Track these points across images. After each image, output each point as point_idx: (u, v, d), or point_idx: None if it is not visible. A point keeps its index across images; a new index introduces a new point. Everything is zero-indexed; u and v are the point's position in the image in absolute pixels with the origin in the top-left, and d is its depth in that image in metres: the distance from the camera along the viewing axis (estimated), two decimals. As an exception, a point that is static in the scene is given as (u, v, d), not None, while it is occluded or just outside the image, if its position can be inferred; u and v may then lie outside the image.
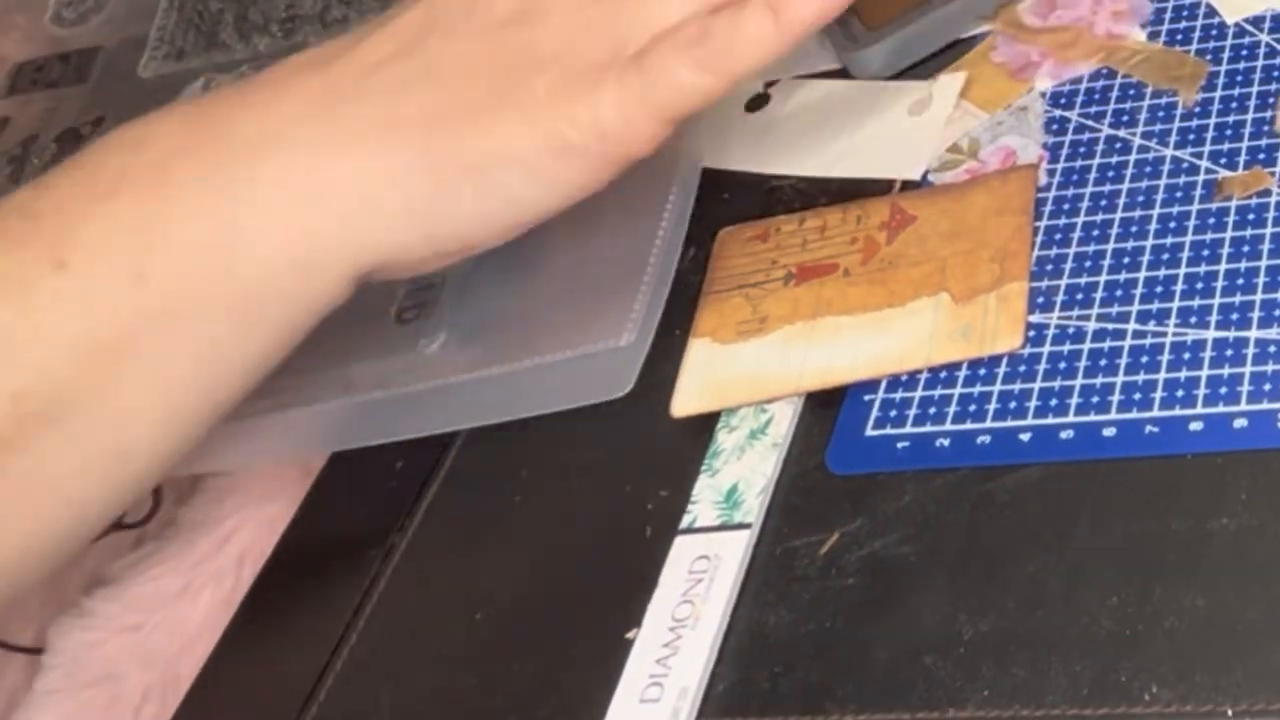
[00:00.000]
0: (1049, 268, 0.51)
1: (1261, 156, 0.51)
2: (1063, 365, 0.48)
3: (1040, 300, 0.50)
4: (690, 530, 0.48)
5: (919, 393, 0.50)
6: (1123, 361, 0.48)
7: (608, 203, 0.50)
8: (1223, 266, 0.49)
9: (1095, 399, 0.47)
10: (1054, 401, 0.47)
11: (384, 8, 0.64)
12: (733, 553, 0.47)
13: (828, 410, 0.50)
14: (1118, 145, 0.54)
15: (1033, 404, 0.48)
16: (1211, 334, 0.47)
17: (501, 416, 0.53)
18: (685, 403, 0.51)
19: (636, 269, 0.52)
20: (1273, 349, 0.46)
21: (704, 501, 0.49)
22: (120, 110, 0.70)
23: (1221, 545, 0.42)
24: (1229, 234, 0.49)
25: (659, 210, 0.54)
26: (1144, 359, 0.47)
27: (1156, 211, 0.51)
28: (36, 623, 0.58)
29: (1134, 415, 0.46)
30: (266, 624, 0.54)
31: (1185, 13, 0.56)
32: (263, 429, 0.54)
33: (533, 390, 0.52)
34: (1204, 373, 0.46)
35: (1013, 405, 0.48)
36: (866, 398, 0.50)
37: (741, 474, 0.49)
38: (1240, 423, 0.45)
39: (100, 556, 0.59)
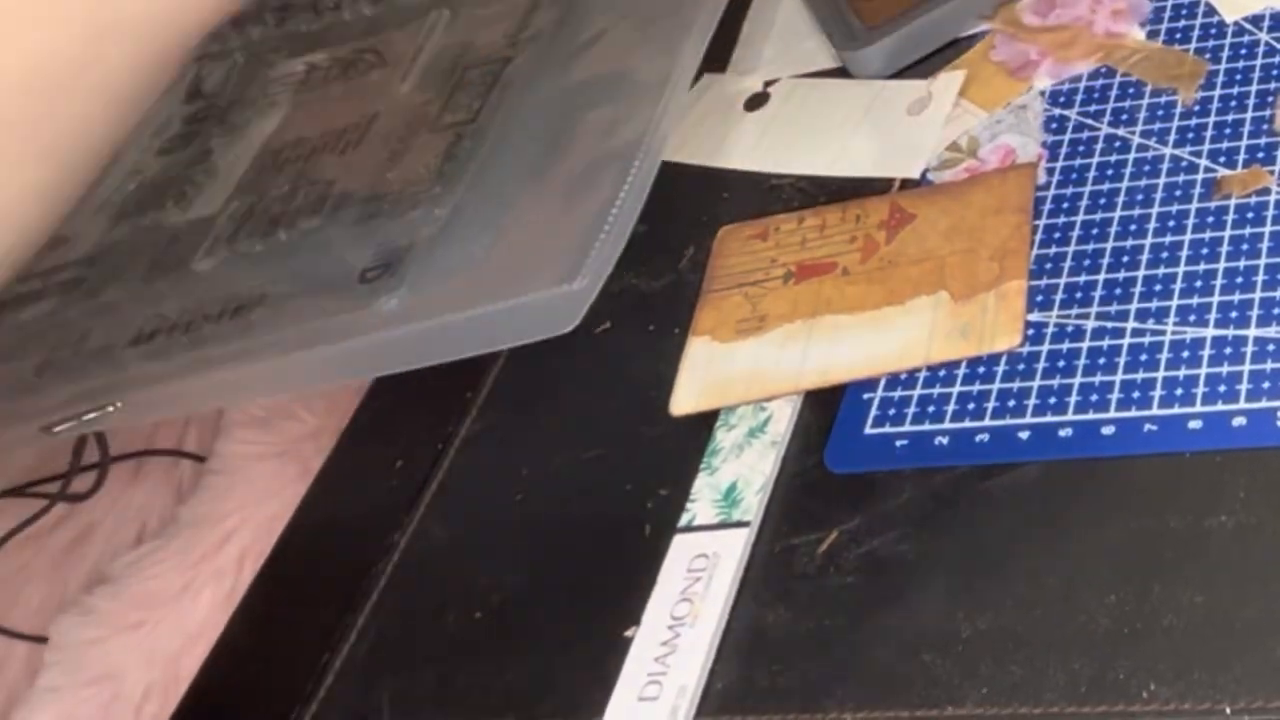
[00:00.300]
0: (1048, 266, 0.51)
1: (1260, 155, 0.51)
2: (1062, 364, 0.48)
3: (1039, 299, 0.50)
4: (689, 528, 0.48)
5: (918, 391, 0.50)
6: (1122, 360, 0.48)
7: (576, 167, 0.50)
8: (1222, 265, 0.49)
9: (1094, 397, 0.47)
10: (1053, 400, 0.47)
11: None
12: (732, 551, 0.47)
13: (826, 408, 0.50)
14: (1117, 144, 0.54)
15: (1031, 402, 0.48)
16: (1210, 332, 0.47)
17: (449, 357, 0.52)
18: (684, 401, 0.51)
19: (595, 227, 0.52)
20: (1271, 347, 0.46)
21: (703, 500, 0.49)
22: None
23: (1220, 543, 0.42)
24: (1228, 232, 0.49)
25: (622, 175, 0.54)
26: (1143, 357, 0.47)
27: (1156, 210, 0.51)
28: (38, 620, 0.58)
29: (1133, 413, 0.46)
30: (266, 622, 0.54)
31: (1184, 11, 0.56)
32: (226, 378, 0.54)
33: (483, 332, 0.52)
34: (1203, 371, 0.46)
35: (1011, 403, 0.48)
36: (865, 396, 0.50)
37: (740, 472, 0.49)
38: (1239, 421, 0.45)
39: (101, 554, 0.59)
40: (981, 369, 0.49)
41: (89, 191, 0.62)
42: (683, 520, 0.49)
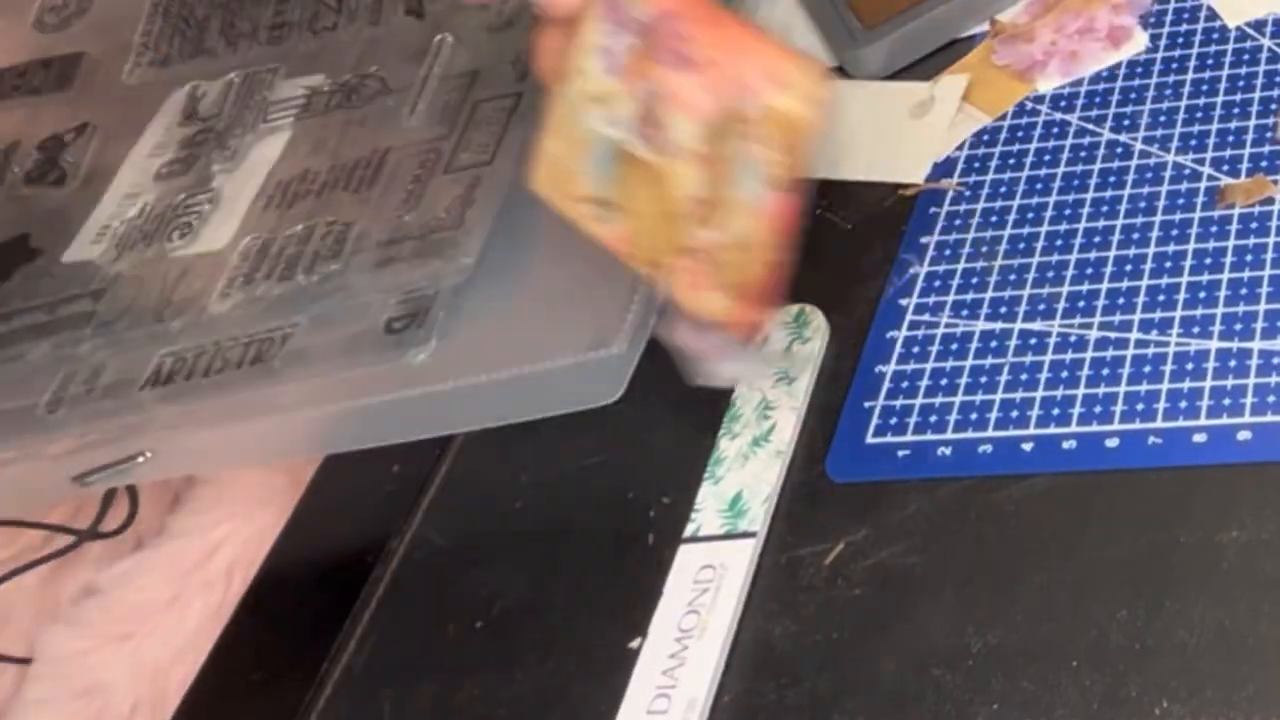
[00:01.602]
0: (1050, 274, 0.51)
1: (1264, 164, 0.51)
2: (1064, 374, 0.48)
3: (1041, 308, 0.50)
4: (694, 539, 0.48)
5: (919, 400, 0.49)
6: (1125, 371, 0.48)
7: None
8: (1225, 276, 0.49)
9: (1098, 409, 0.47)
10: (1056, 411, 0.47)
11: (374, 16, 0.63)
12: (738, 562, 0.47)
13: (830, 417, 0.50)
14: (1119, 150, 0.54)
15: (1034, 413, 0.48)
16: (1215, 344, 0.47)
17: (489, 422, 0.52)
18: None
19: (630, 278, 0.52)
20: (1277, 360, 0.46)
21: (708, 509, 0.48)
22: (104, 117, 0.68)
23: (1232, 558, 0.42)
24: (1231, 242, 0.49)
25: None
26: (1146, 369, 0.47)
27: (1158, 219, 0.51)
28: (31, 636, 0.57)
29: (1137, 426, 0.46)
30: (262, 632, 0.53)
31: (1186, 15, 0.56)
32: (256, 432, 0.53)
33: (522, 396, 0.51)
34: (1207, 384, 0.46)
35: (1015, 414, 0.48)
36: (867, 405, 0.50)
37: (745, 481, 0.49)
38: (1244, 435, 0.45)
39: (90, 566, 0.58)
40: (984, 379, 0.49)
41: (85, 215, 0.62)
42: (688, 530, 0.48)
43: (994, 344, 0.50)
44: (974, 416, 0.48)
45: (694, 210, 0.39)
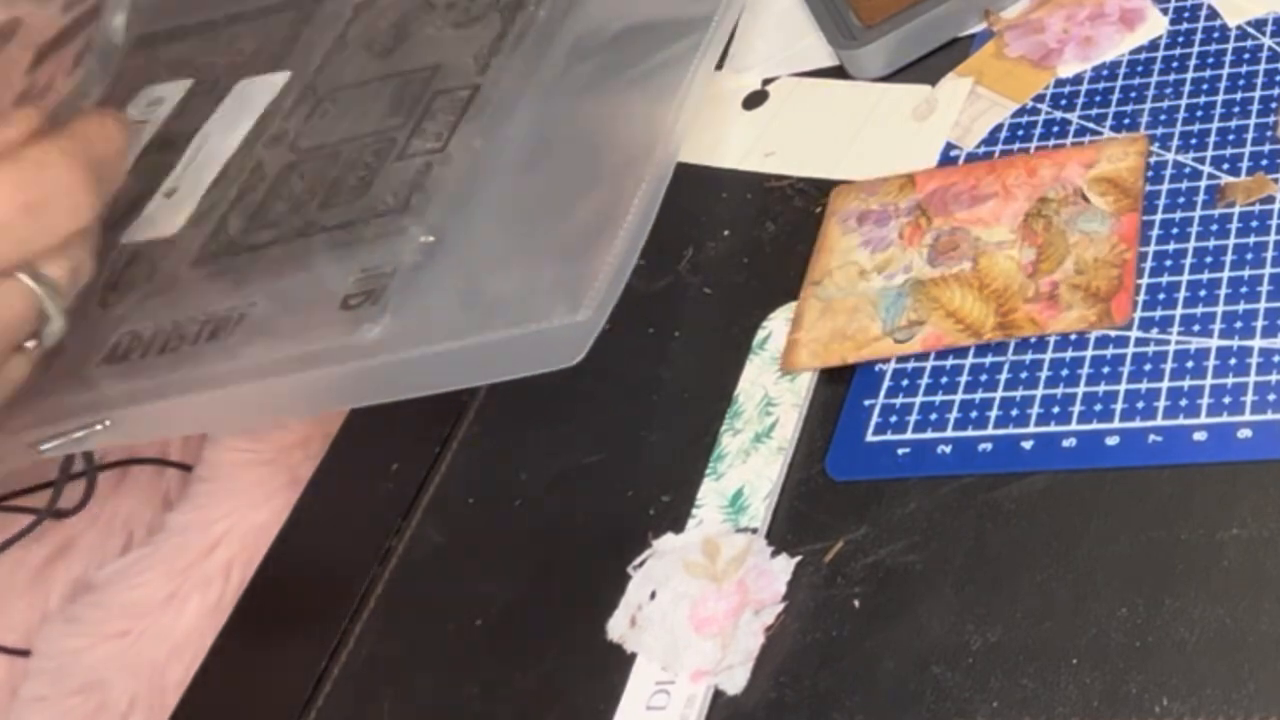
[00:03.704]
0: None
1: (1264, 162, 0.51)
2: (1065, 372, 0.48)
3: (1042, 305, 0.50)
4: (695, 536, 0.48)
5: (919, 399, 0.49)
6: (1125, 369, 0.48)
7: (575, 196, 0.50)
8: (1226, 274, 0.49)
9: (1098, 407, 0.47)
10: (1056, 409, 0.47)
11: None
12: (739, 559, 0.47)
13: (831, 415, 0.50)
14: (1119, 149, 0.54)
15: (1035, 411, 0.48)
16: (1215, 342, 0.47)
17: (445, 388, 0.52)
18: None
19: (601, 251, 0.52)
20: (1277, 359, 0.46)
21: (709, 505, 0.48)
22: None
23: (1232, 556, 0.42)
24: (1232, 240, 0.49)
25: (628, 199, 0.53)
26: (1147, 367, 0.47)
27: (1159, 217, 0.51)
28: (22, 629, 0.57)
29: (1137, 424, 0.46)
30: (261, 630, 0.53)
31: (1187, 15, 0.56)
32: (213, 401, 0.53)
33: (478, 363, 0.51)
34: (1207, 382, 0.46)
35: (1015, 413, 0.48)
36: (866, 403, 0.50)
37: (747, 478, 0.48)
38: (1244, 433, 0.45)
39: (87, 562, 0.58)
40: (984, 377, 0.49)
41: None
42: (689, 526, 0.48)
43: (994, 342, 0.50)
44: (974, 415, 0.48)
45: (1027, 271, 0.50)
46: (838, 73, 0.60)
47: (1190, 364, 0.47)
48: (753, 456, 0.49)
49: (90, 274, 0.50)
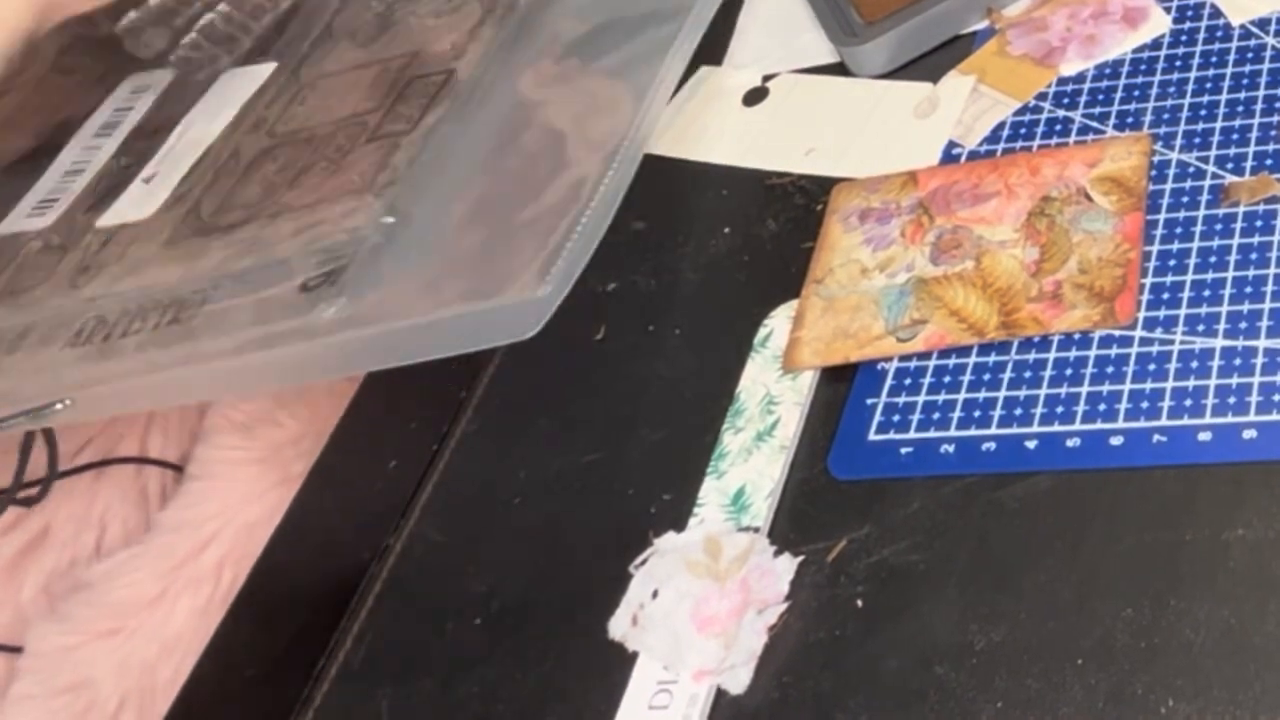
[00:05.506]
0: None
1: (1268, 162, 0.51)
2: (1069, 372, 0.48)
3: (1046, 304, 0.50)
4: (696, 535, 0.48)
5: (922, 398, 0.49)
6: (1130, 369, 0.47)
7: (542, 179, 0.50)
8: (1230, 274, 0.48)
9: (1102, 406, 0.47)
10: (1060, 409, 0.47)
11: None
12: (740, 559, 0.46)
13: (833, 413, 0.49)
14: (1122, 148, 0.53)
15: (1038, 411, 0.47)
16: (1220, 343, 0.47)
17: (401, 362, 0.52)
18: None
19: (564, 230, 0.52)
20: (1282, 358, 0.46)
21: (711, 504, 0.48)
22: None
23: (1238, 557, 0.42)
24: (1236, 240, 0.49)
25: (595, 183, 0.53)
26: (1151, 367, 0.47)
27: (1162, 216, 0.51)
28: (12, 627, 0.57)
29: (1141, 424, 0.46)
30: (257, 628, 0.52)
31: (1190, 14, 0.56)
32: (173, 380, 0.53)
33: (435, 338, 0.51)
34: (1212, 382, 0.46)
35: (1018, 412, 0.48)
36: (869, 401, 0.49)
37: (749, 477, 0.48)
38: (1249, 434, 0.44)
39: (57, 562, 0.57)
40: (987, 376, 0.49)
41: (26, 190, 0.63)
42: (690, 525, 0.48)
43: (997, 341, 0.49)
44: (977, 414, 0.48)
45: (1030, 270, 0.50)
46: (839, 70, 0.59)
47: (1195, 364, 0.47)
48: (755, 455, 0.49)
49: None
